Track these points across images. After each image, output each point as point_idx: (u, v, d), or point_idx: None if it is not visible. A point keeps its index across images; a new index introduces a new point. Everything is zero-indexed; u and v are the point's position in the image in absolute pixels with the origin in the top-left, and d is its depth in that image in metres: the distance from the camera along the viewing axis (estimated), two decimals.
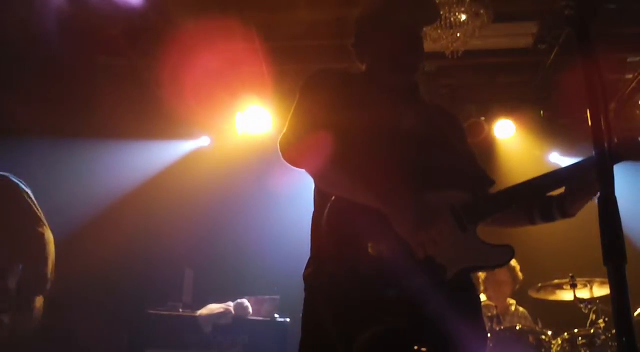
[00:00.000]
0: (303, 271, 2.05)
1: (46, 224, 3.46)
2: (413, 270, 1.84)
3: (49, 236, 3.44)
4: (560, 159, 6.21)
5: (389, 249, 1.83)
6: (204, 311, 5.05)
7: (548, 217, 2.13)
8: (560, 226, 2.05)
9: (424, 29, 2.35)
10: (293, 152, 2.00)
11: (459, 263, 1.91)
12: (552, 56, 5.13)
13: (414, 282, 1.83)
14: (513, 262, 4.86)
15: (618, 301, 1.29)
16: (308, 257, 2.05)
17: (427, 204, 1.91)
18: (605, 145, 1.38)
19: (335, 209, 1.88)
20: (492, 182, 2.24)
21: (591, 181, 1.99)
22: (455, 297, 1.90)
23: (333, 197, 1.91)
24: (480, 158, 2.32)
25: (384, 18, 2.21)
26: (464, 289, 2.02)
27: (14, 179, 3.44)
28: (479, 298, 2.12)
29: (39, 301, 3.37)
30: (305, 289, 2.04)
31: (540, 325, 4.50)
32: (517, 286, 4.93)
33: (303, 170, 2.02)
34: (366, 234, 1.84)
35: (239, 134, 5.94)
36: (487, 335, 2.08)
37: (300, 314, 2.06)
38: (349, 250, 1.83)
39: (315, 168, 1.99)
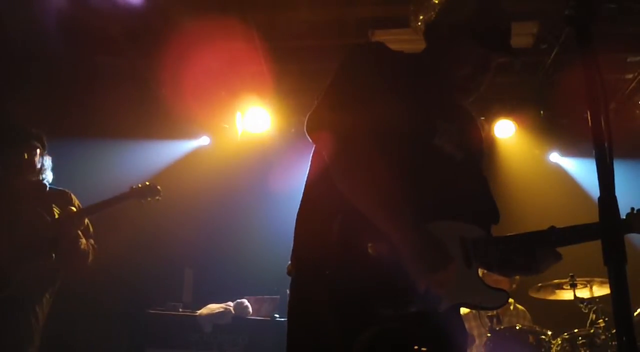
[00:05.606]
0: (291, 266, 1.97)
1: None
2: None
3: None
4: (560, 159, 6.22)
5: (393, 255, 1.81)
6: (204, 310, 5.05)
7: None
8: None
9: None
10: (313, 124, 1.92)
11: (455, 298, 1.89)
12: (552, 56, 5.13)
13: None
14: None
15: (618, 301, 1.30)
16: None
17: (439, 238, 1.83)
18: (607, 144, 1.38)
19: (350, 221, 1.81)
20: (498, 218, 2.17)
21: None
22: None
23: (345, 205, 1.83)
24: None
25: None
26: None
27: None
28: None
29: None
30: (296, 288, 1.97)
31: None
32: (514, 286, 4.90)
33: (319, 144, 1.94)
34: (376, 243, 1.80)
35: (239, 134, 5.95)
36: (468, 335, 2.09)
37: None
38: (357, 255, 1.80)
39: (331, 150, 1.87)
